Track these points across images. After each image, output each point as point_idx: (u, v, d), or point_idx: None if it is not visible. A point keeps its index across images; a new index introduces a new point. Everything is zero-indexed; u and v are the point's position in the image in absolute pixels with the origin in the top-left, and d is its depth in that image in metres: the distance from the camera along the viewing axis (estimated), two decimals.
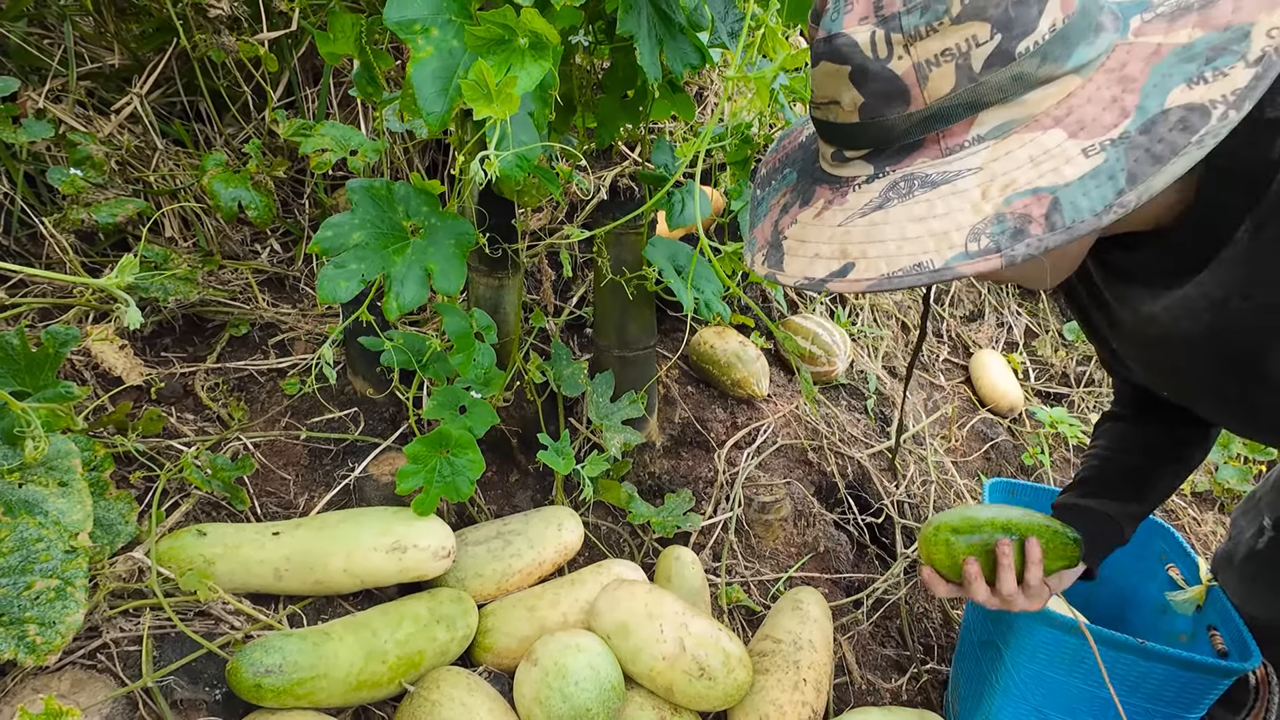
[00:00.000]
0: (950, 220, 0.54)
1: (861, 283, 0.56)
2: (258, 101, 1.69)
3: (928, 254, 0.54)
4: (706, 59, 0.94)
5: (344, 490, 1.26)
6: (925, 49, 0.54)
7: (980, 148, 0.56)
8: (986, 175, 0.54)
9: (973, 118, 0.56)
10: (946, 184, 0.55)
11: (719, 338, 1.62)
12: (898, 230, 0.56)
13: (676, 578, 1.32)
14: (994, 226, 0.52)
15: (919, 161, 0.58)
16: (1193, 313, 0.69)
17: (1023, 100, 0.55)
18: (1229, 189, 0.62)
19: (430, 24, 0.73)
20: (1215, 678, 1.02)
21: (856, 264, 0.56)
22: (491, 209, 1.27)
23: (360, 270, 0.87)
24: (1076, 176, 0.51)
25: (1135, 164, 0.50)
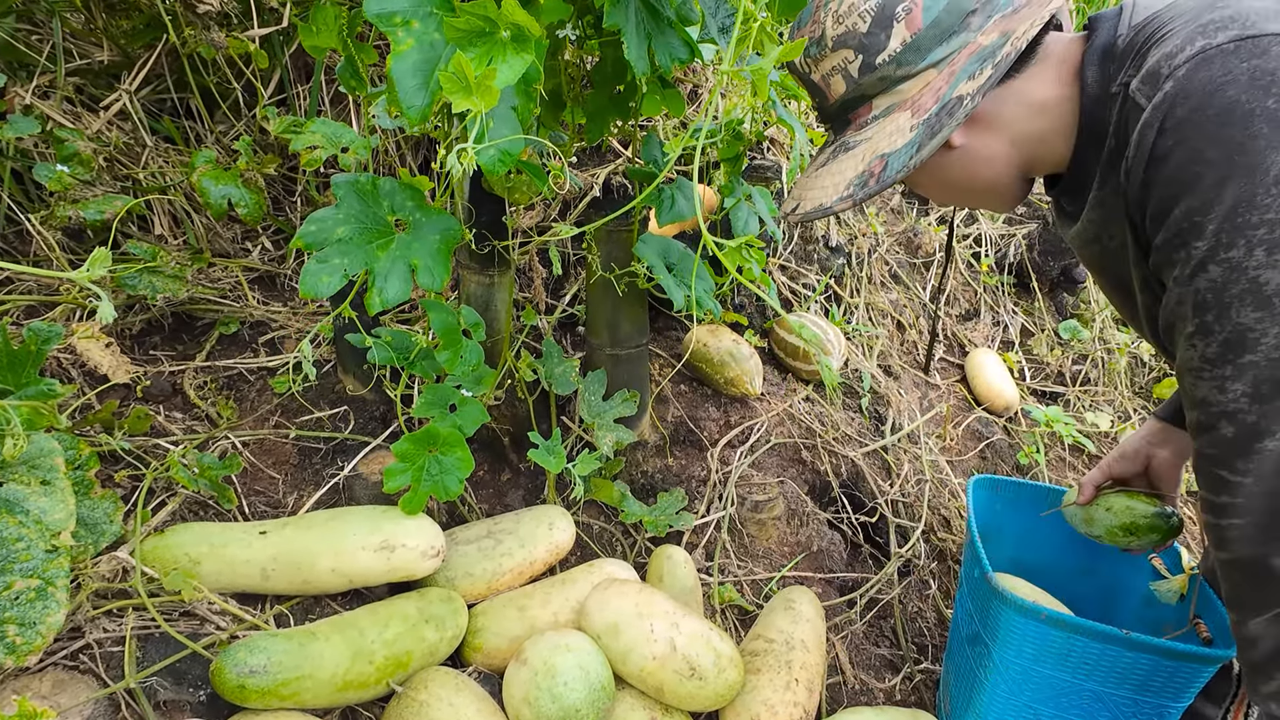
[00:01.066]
0: (843, 176, 0.82)
1: (798, 214, 0.86)
2: (248, 98, 1.68)
3: (827, 197, 0.82)
4: (695, 54, 0.93)
5: (333, 489, 1.25)
6: (821, 67, 0.84)
7: (874, 125, 0.82)
8: (870, 145, 0.81)
9: (869, 103, 0.83)
10: (853, 150, 0.83)
11: (712, 336, 1.61)
12: (821, 181, 0.85)
13: (669, 577, 1.31)
14: (858, 180, 0.80)
15: (848, 132, 0.86)
16: (1085, 244, 0.86)
17: (898, 90, 0.81)
18: (1088, 145, 0.78)
19: (411, 16, 0.72)
20: (1201, 666, 1.02)
21: (800, 204, 0.86)
22: (482, 206, 1.26)
23: (343, 265, 0.86)
24: (902, 144, 0.77)
25: (925, 137, 0.76)
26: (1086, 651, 1.04)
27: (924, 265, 2.58)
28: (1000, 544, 1.41)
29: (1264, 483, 0.63)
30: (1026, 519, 1.40)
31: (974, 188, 0.86)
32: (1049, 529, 1.40)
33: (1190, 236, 0.63)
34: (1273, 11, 0.61)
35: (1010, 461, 2.15)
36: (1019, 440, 2.24)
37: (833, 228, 2.14)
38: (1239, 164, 0.59)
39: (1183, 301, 0.66)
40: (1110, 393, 2.56)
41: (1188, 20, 0.65)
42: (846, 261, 2.18)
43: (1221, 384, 0.65)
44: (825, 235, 2.09)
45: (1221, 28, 0.62)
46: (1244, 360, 0.62)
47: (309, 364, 0.91)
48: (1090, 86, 0.74)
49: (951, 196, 0.89)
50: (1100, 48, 0.74)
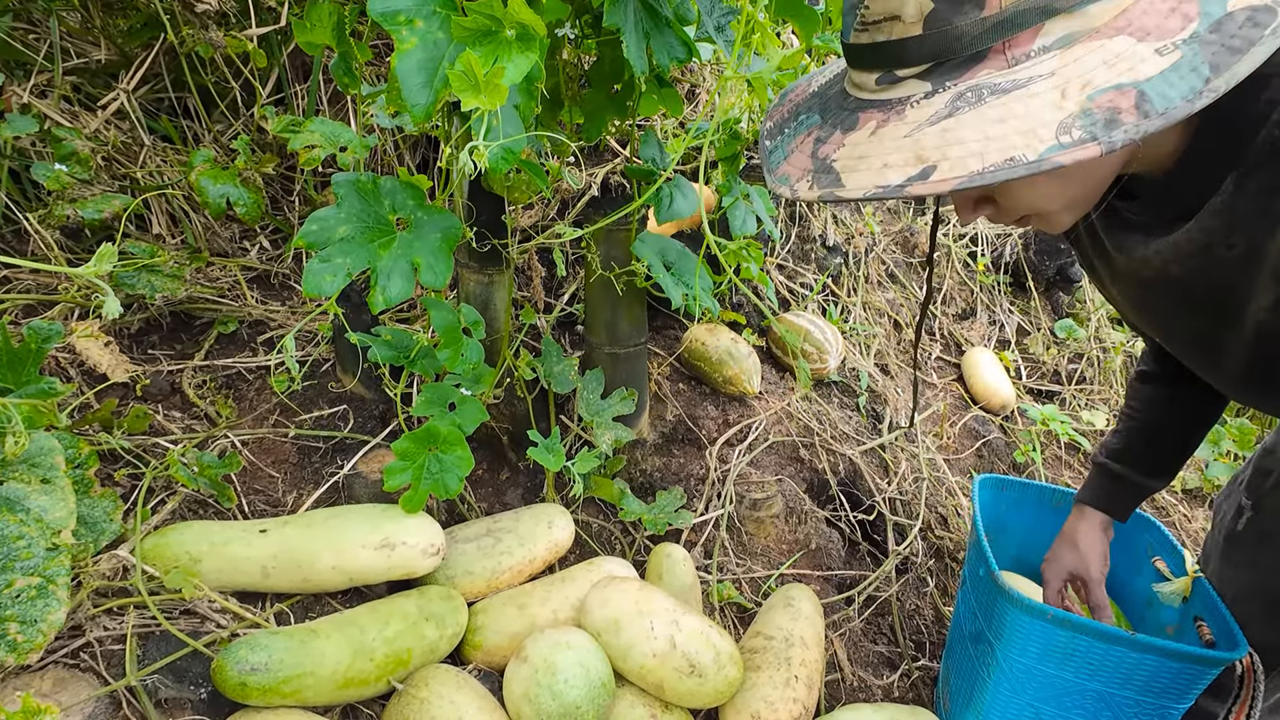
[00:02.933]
0: (1033, 119, 0.54)
1: (949, 181, 0.55)
2: (246, 98, 1.68)
3: (1016, 149, 0.54)
4: (693, 53, 0.94)
5: (333, 488, 1.25)
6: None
7: (1046, 57, 0.56)
8: (1060, 79, 0.55)
9: (1040, 26, 0.56)
10: (1019, 89, 0.55)
11: (710, 335, 1.61)
12: (978, 132, 0.55)
13: (668, 575, 1.32)
14: (1082, 120, 0.53)
15: (984, 73, 0.58)
16: (1181, 258, 0.73)
17: (1085, 11, 0.56)
18: (1217, 140, 0.66)
19: (415, 15, 0.72)
20: (1204, 668, 1.03)
21: (938, 166, 0.56)
22: (481, 205, 1.27)
23: (346, 264, 0.86)
24: (1157, 71, 0.53)
25: (1214, 56, 0.52)
26: (1091, 652, 1.04)
27: (920, 265, 2.59)
28: (1004, 543, 1.41)
29: None
30: (1031, 519, 1.41)
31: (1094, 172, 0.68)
32: (1053, 529, 1.41)
33: None
34: None
35: (1007, 460, 2.16)
36: (1015, 439, 2.25)
37: (829, 227, 2.15)
38: None
39: None
40: (1105, 391, 2.58)
41: None
42: (843, 261, 2.19)
43: None
44: (823, 235, 2.10)
45: None
46: None
47: (292, 361, 0.91)
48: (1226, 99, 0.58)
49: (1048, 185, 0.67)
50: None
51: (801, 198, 0.64)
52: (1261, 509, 1.06)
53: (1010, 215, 0.71)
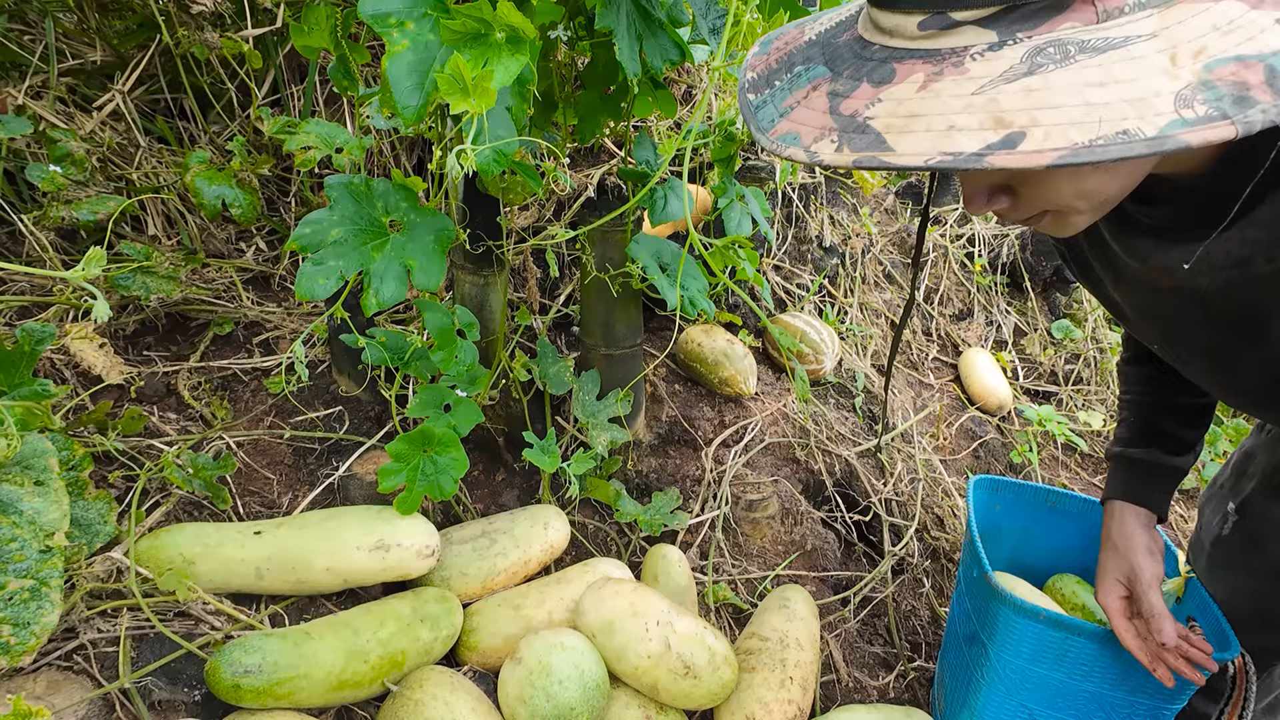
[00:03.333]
0: (1143, 86, 0.45)
1: (1047, 154, 0.44)
2: (242, 99, 1.68)
3: (1129, 120, 0.44)
4: (686, 55, 0.94)
5: (328, 489, 1.25)
6: None
7: (1143, 14, 0.47)
8: (1166, 41, 0.46)
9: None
10: (1115, 50, 0.46)
11: (706, 335, 1.61)
12: (1075, 96, 0.45)
13: (663, 576, 1.32)
14: (1205, 93, 0.44)
15: (1065, 26, 0.48)
16: (1213, 268, 0.67)
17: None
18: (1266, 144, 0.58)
19: (406, 18, 0.72)
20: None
21: (1028, 133, 0.45)
22: (476, 206, 1.27)
23: (339, 267, 0.86)
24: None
25: None
26: (1083, 652, 1.05)
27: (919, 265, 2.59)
28: (999, 544, 1.42)
29: None
30: (1025, 520, 1.41)
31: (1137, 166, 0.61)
32: (1047, 531, 1.42)
33: None
34: None
35: (1003, 461, 2.16)
36: (1012, 439, 2.25)
37: (826, 228, 2.15)
38: None
39: None
40: (1102, 392, 2.58)
41: None
42: (840, 262, 2.19)
43: None
44: (819, 236, 2.10)
45: None
46: None
47: (302, 365, 0.92)
48: None
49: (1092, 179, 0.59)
50: None
51: (825, 161, 0.51)
52: (1245, 513, 1.06)
53: (1025, 211, 0.62)
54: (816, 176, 2.14)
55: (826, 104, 0.53)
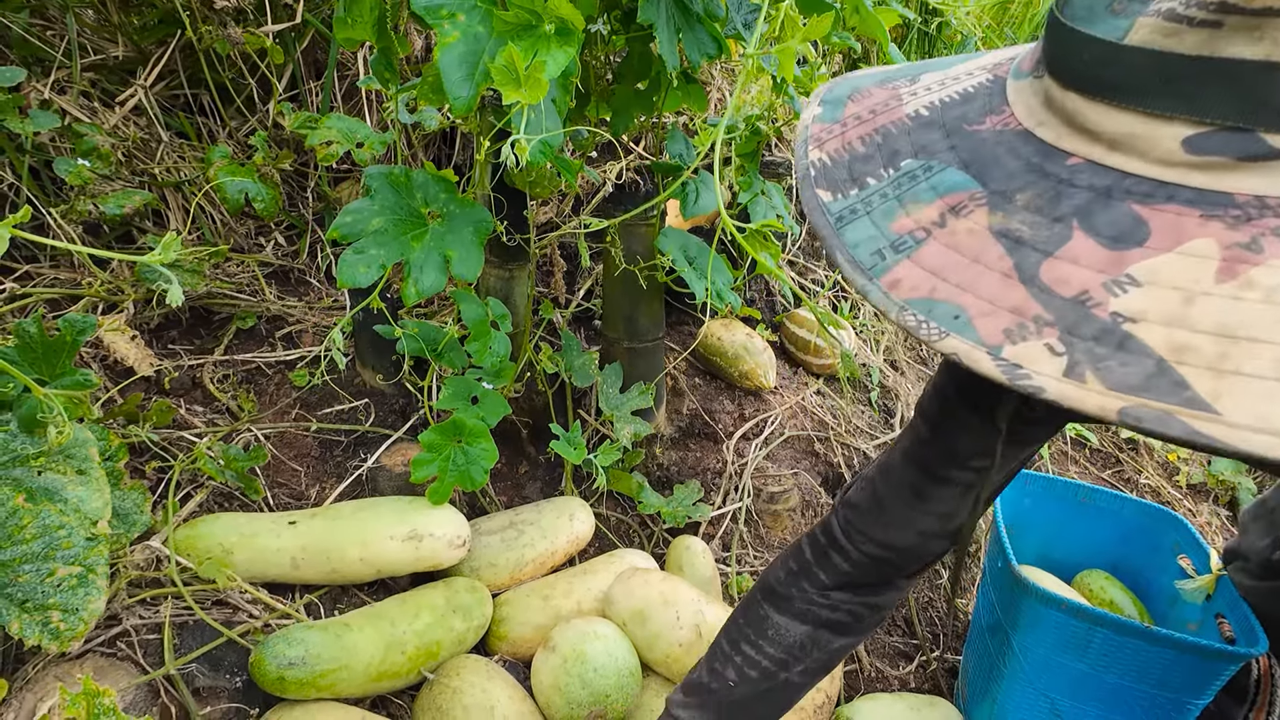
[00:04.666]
0: None
1: None
2: (262, 94, 1.68)
3: None
4: (724, 48, 0.95)
5: (356, 481, 1.26)
6: None
7: None
8: None
9: None
10: None
11: (726, 330, 1.62)
12: None
13: (688, 567, 1.33)
14: None
15: None
16: None
17: None
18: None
19: (457, 9, 0.73)
20: (1221, 663, 1.03)
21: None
22: (503, 201, 1.28)
23: (380, 256, 0.87)
24: None
25: None
26: (1107, 643, 1.05)
27: None
28: (1027, 539, 1.42)
29: None
30: (1054, 515, 1.41)
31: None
32: (1076, 526, 1.42)
33: None
34: None
35: None
36: None
37: None
38: None
39: None
40: None
41: None
42: None
43: None
44: None
45: None
46: None
47: (340, 353, 0.92)
48: None
49: None
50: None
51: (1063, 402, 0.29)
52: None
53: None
54: None
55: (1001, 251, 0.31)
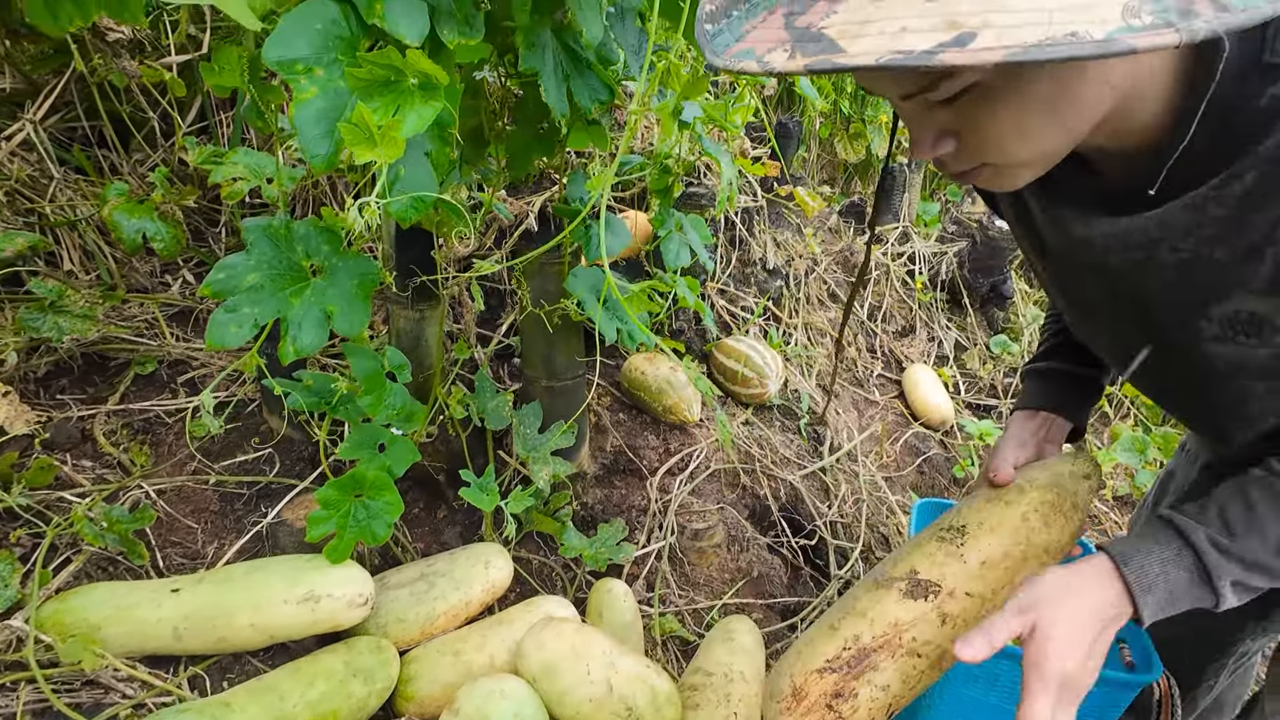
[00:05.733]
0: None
1: (997, 51, 0.44)
2: (165, 127, 1.62)
3: (1079, 24, 0.44)
4: (615, 95, 0.94)
5: (256, 537, 1.20)
6: None
7: None
8: None
9: None
10: None
11: (650, 364, 1.61)
12: (1028, 1, 0.45)
13: (608, 612, 1.30)
14: (1153, 3, 0.44)
15: None
16: (1128, 247, 0.69)
17: None
18: (1206, 134, 0.59)
19: (314, 64, 0.70)
20: (1124, 690, 1.06)
21: (980, 33, 0.45)
22: (410, 240, 1.24)
23: (254, 314, 0.83)
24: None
25: None
26: (1014, 676, 1.06)
27: (861, 284, 2.64)
28: None
29: None
30: None
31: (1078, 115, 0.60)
32: None
33: None
34: None
35: (947, 475, 2.21)
36: (955, 454, 2.31)
37: (770, 250, 2.18)
38: None
39: None
40: None
41: None
42: (784, 283, 2.22)
43: None
44: (763, 259, 2.12)
45: None
46: None
47: (209, 416, 0.88)
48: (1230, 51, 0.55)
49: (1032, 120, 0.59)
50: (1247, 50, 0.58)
51: (778, 70, 0.50)
52: None
53: (967, 161, 0.64)
54: (759, 200, 2.16)
55: (782, 22, 0.53)
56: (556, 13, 0.88)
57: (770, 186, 2.38)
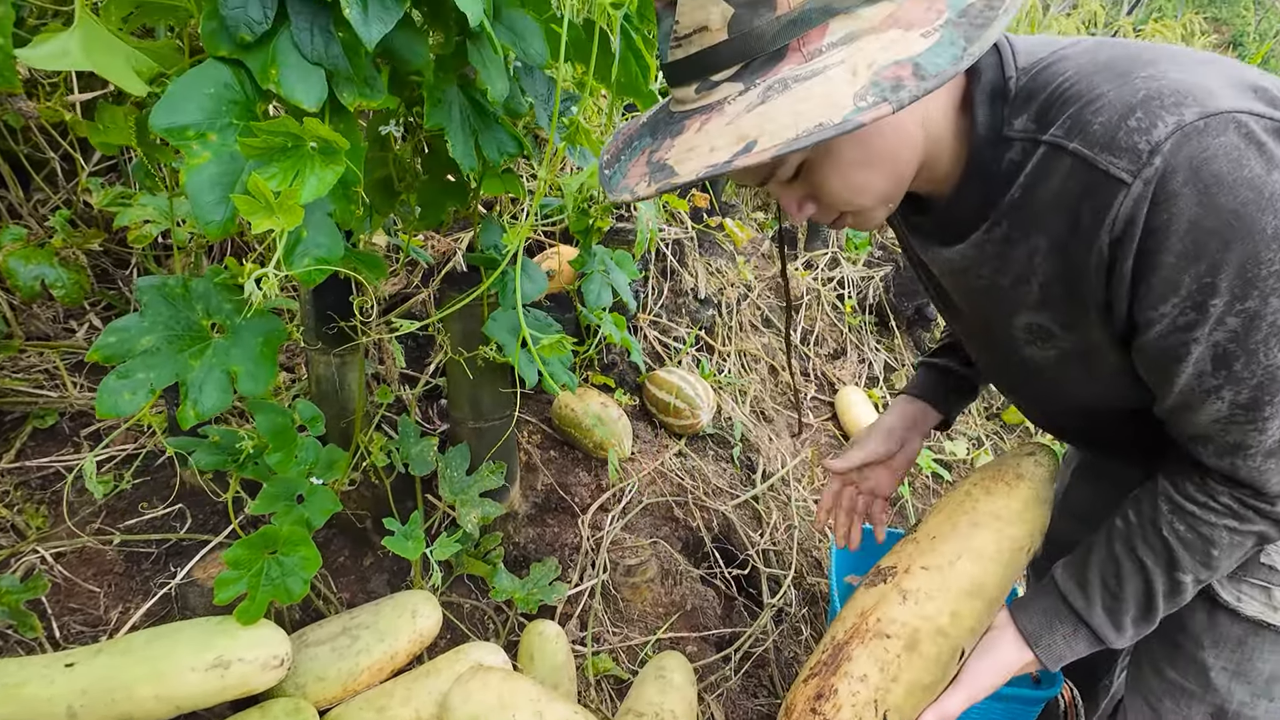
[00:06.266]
0: (833, 93, 0.62)
1: (768, 150, 0.62)
2: (68, 168, 1.56)
3: (822, 117, 0.61)
4: (524, 148, 0.95)
5: (164, 599, 1.15)
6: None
7: (836, 51, 0.64)
8: (850, 65, 0.63)
9: (826, 24, 0.65)
10: (818, 76, 0.63)
11: (579, 400, 1.62)
12: (789, 110, 0.62)
13: (539, 655, 1.29)
14: (873, 89, 0.61)
15: (787, 68, 0.65)
16: (953, 272, 0.86)
17: (859, 14, 0.65)
18: (976, 186, 0.78)
19: (207, 129, 0.69)
20: (1033, 705, 1.12)
21: (758, 140, 0.63)
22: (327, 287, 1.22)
23: (149, 379, 0.80)
24: (925, 48, 0.62)
25: (966, 33, 0.62)
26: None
27: (794, 309, 2.72)
28: None
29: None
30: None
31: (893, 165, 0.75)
32: None
33: (1205, 296, 0.67)
34: (1202, 84, 0.66)
35: None
36: None
37: (701, 280, 2.22)
38: (1237, 228, 0.64)
39: (1201, 360, 0.70)
40: (965, 422, 2.77)
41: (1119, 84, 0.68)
42: (716, 312, 2.26)
43: (1261, 425, 0.70)
44: (694, 288, 2.16)
45: (1180, 102, 0.65)
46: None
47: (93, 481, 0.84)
48: (981, 125, 0.75)
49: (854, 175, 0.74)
50: (989, 86, 0.75)
51: (641, 195, 0.69)
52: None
53: (830, 211, 0.79)
54: (689, 231, 2.20)
55: (646, 159, 0.72)
56: (462, 69, 0.89)
57: (701, 217, 2.43)
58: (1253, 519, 0.75)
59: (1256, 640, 0.87)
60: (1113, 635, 0.85)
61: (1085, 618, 0.86)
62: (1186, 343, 0.69)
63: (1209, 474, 0.77)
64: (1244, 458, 0.72)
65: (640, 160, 0.73)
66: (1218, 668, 0.89)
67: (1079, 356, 0.81)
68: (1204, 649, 0.90)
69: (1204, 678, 0.91)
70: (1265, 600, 0.86)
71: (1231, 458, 0.73)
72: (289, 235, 0.70)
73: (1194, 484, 0.78)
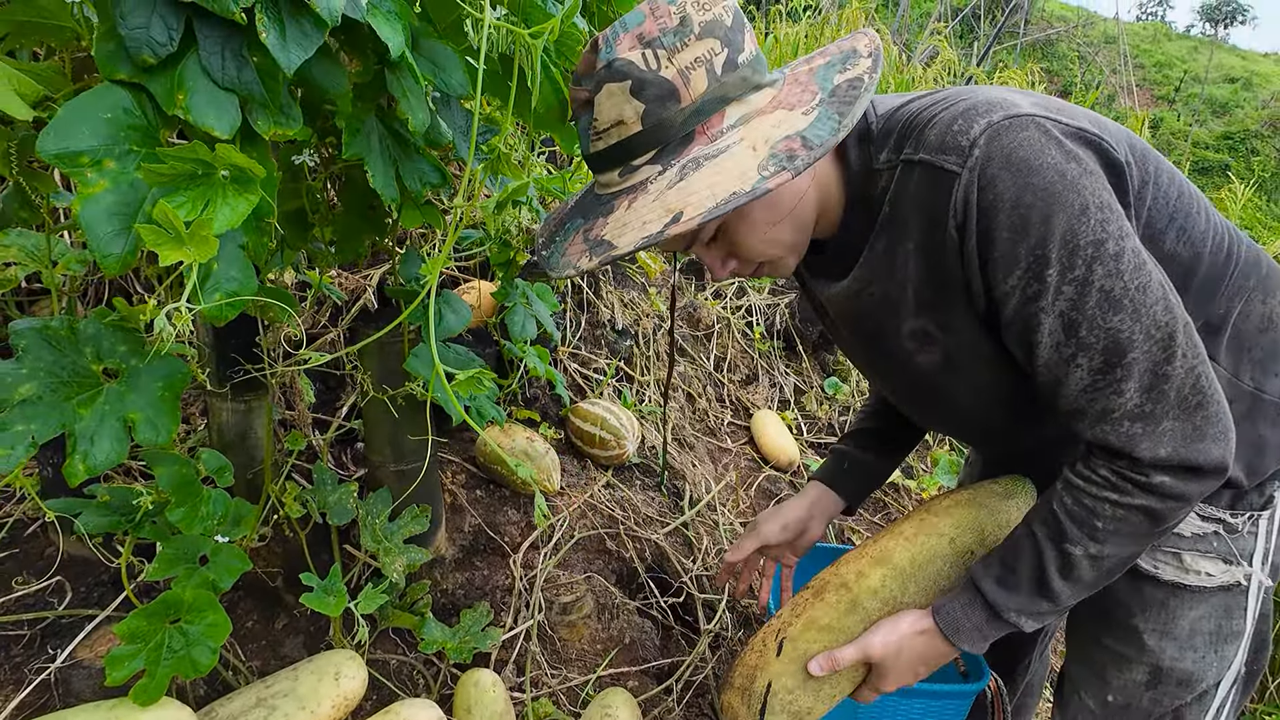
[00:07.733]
0: (741, 167, 0.74)
1: (695, 219, 0.72)
2: None
3: (736, 186, 0.73)
4: (446, 178, 0.94)
5: (42, 687, 1.01)
6: (682, 59, 0.76)
7: (734, 132, 0.77)
8: (749, 142, 0.76)
9: (722, 111, 0.78)
10: (724, 153, 0.76)
11: (505, 435, 1.58)
12: (706, 185, 0.74)
13: (477, 707, 1.22)
14: (772, 160, 0.73)
15: (695, 149, 0.77)
16: (848, 298, 0.96)
17: (749, 100, 0.79)
18: (858, 215, 0.90)
19: (104, 156, 0.64)
20: (963, 699, 1.17)
21: (684, 211, 0.73)
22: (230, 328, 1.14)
23: (30, 432, 0.72)
24: (807, 124, 0.75)
25: (839, 109, 0.75)
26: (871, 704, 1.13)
27: (705, 337, 2.78)
28: None
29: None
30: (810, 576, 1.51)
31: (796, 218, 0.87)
32: None
33: (1041, 267, 0.76)
34: (1009, 99, 0.81)
35: None
36: None
37: (617, 311, 2.24)
38: (1051, 204, 0.75)
39: (1054, 330, 0.78)
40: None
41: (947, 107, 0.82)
42: (634, 342, 2.28)
43: (1118, 388, 0.77)
44: (611, 320, 2.17)
45: (990, 109, 0.79)
46: (1127, 359, 0.76)
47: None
48: (854, 164, 0.88)
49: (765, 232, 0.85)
50: (857, 133, 0.88)
51: (584, 269, 0.79)
52: None
53: (748, 265, 0.90)
54: None
55: (583, 238, 0.82)
56: (379, 98, 0.88)
57: None
58: (1131, 491, 0.81)
59: (1176, 601, 0.96)
60: (1005, 603, 0.89)
61: (979, 585, 0.91)
62: (1036, 314, 0.78)
63: (1091, 449, 0.84)
64: (1111, 424, 0.80)
65: (576, 239, 0.82)
66: (1148, 630, 0.98)
67: (960, 354, 0.90)
68: (1134, 616, 0.98)
69: (1138, 641, 0.98)
70: (1178, 564, 0.95)
71: (1102, 425, 0.81)
72: (199, 269, 0.66)
73: (1081, 460, 0.86)
